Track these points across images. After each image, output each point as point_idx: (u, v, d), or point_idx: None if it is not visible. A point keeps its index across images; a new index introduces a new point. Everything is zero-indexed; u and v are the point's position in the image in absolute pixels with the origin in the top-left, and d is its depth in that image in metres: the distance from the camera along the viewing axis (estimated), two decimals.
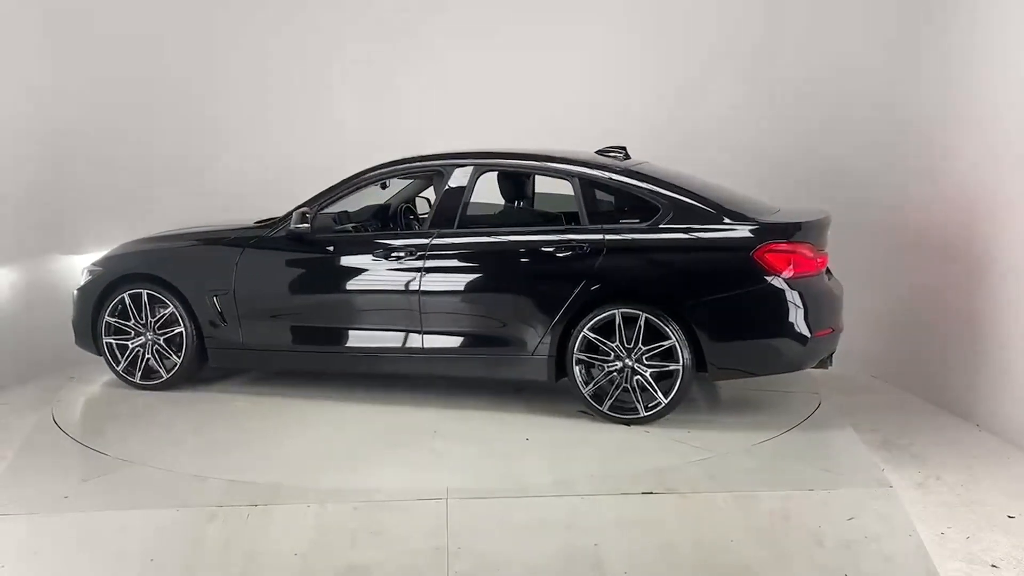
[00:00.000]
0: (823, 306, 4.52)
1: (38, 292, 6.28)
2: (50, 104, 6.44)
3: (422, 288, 4.85)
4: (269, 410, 5.01)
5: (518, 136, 5.64)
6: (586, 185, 4.80)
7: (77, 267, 6.60)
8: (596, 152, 5.13)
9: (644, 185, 4.70)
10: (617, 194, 4.85)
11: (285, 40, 7.15)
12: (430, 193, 5.54)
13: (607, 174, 4.80)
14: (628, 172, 4.80)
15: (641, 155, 5.32)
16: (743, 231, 4.47)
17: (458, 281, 4.85)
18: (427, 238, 4.91)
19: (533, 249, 4.73)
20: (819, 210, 4.80)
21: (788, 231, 4.45)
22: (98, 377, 5.81)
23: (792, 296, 4.39)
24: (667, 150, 6.01)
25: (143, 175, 7.03)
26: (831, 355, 4.69)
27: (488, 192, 5.23)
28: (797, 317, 4.40)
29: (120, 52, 6.83)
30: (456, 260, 4.86)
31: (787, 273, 4.38)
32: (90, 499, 3.78)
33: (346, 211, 5.34)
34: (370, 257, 4.97)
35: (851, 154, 6.13)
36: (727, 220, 4.51)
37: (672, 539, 3.45)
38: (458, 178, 4.95)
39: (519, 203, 5.27)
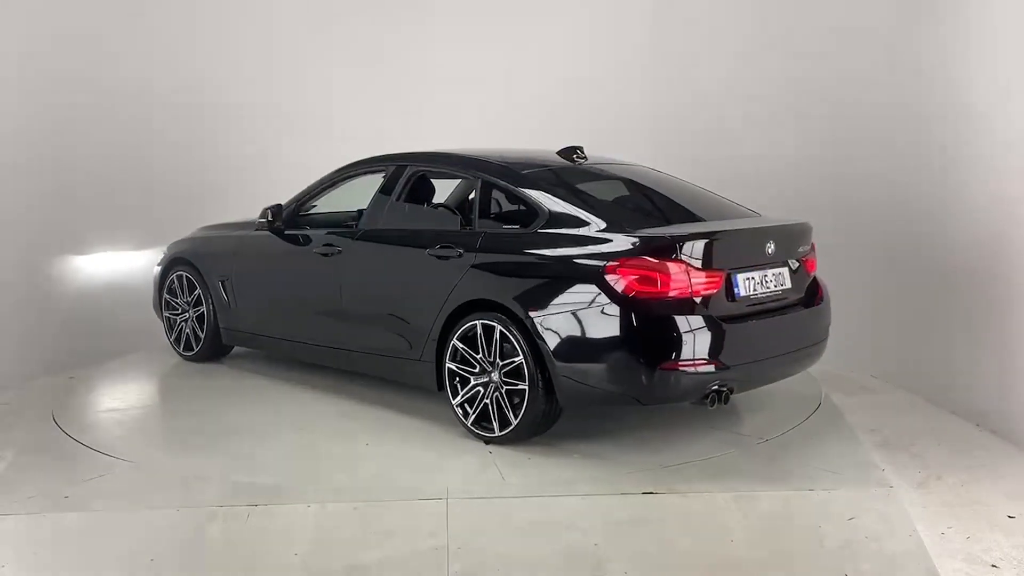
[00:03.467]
0: (697, 334, 3.90)
1: (38, 292, 6.28)
2: (55, 104, 6.45)
3: (342, 284, 4.99)
4: (271, 406, 5.03)
5: (519, 135, 5.66)
6: (486, 188, 4.61)
7: (78, 267, 6.66)
8: (557, 152, 4.91)
9: (529, 191, 4.41)
10: (512, 199, 4.56)
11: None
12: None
13: (502, 180, 4.54)
14: (524, 177, 4.50)
15: (646, 154, 5.32)
16: (604, 243, 4.04)
17: (365, 280, 4.93)
18: (352, 236, 5.01)
19: (419, 252, 4.61)
20: (750, 220, 4.52)
21: (657, 245, 3.96)
22: (98, 377, 5.82)
23: (639, 319, 3.88)
24: (672, 150, 6.05)
25: (143, 179, 7.07)
26: (725, 392, 3.99)
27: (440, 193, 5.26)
28: (645, 344, 3.90)
29: (124, 50, 6.88)
30: (365, 259, 4.92)
31: (637, 292, 3.89)
32: (90, 499, 3.77)
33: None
34: (314, 252, 5.15)
35: (850, 153, 6.12)
36: (597, 230, 4.10)
37: (672, 539, 3.45)
38: (391, 179, 5.01)
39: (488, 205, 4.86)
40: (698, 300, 3.96)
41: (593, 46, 6.97)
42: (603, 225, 4.12)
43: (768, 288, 4.29)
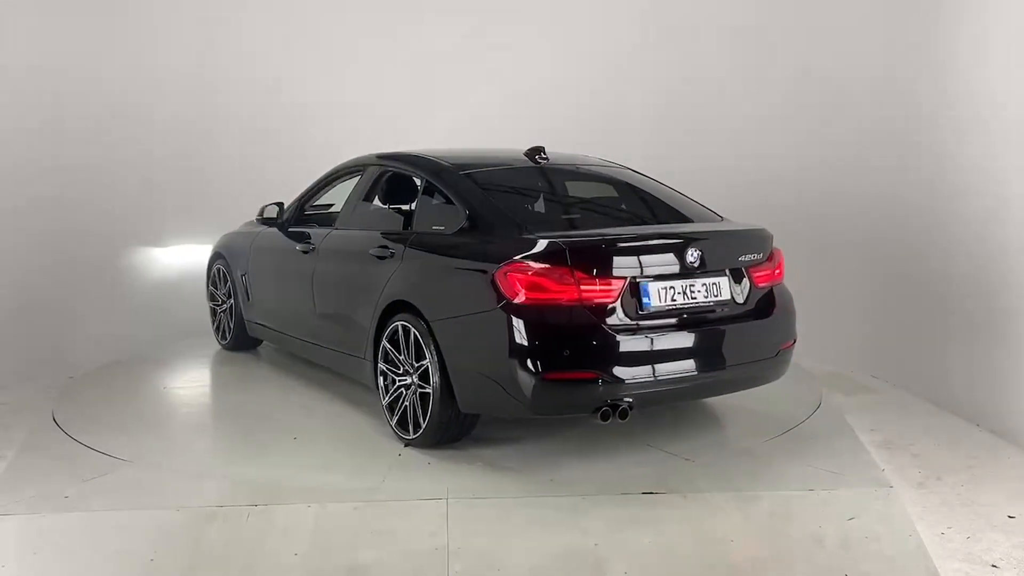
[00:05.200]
0: (585, 345, 3.70)
1: (38, 292, 6.28)
2: (65, 103, 6.47)
3: (313, 281, 5.05)
4: (276, 403, 5.04)
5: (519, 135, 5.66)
6: (428, 188, 4.52)
7: (79, 267, 6.67)
8: (524, 153, 4.75)
9: (453, 191, 4.33)
10: (444, 199, 4.41)
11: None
12: None
13: (436, 180, 4.46)
14: (455, 177, 4.41)
15: (643, 154, 5.31)
16: (502, 246, 3.87)
17: (328, 278, 4.97)
18: (324, 235, 5.08)
19: (364, 251, 4.59)
20: (695, 225, 4.30)
21: (546, 250, 3.74)
22: (98, 376, 5.82)
23: (524, 326, 3.67)
24: (670, 151, 6.04)
25: (145, 175, 7.09)
26: (622, 407, 3.72)
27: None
28: (529, 351, 3.67)
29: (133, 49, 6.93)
30: (329, 257, 4.99)
31: (524, 297, 3.69)
32: (90, 499, 3.77)
33: None
34: (297, 249, 5.25)
35: (849, 153, 6.13)
36: (501, 232, 3.99)
37: (672, 539, 3.45)
38: (365, 178, 5.05)
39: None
40: (590, 308, 3.72)
41: (594, 49, 6.99)
42: (506, 227, 4.01)
43: (693, 299, 3.95)
